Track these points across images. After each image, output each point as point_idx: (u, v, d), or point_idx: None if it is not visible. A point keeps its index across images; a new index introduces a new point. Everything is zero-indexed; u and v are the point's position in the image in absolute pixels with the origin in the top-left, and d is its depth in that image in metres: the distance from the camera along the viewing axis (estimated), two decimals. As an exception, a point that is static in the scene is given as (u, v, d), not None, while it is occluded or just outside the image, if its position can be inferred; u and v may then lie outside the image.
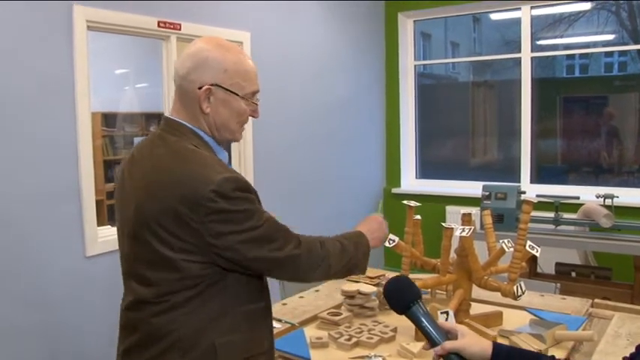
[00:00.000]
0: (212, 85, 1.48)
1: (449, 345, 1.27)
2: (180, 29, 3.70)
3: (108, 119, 6.52)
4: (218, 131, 1.54)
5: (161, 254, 1.42)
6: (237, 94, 1.51)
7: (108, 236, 3.34)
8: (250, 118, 1.61)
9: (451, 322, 1.38)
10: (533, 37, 5.18)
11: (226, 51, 1.51)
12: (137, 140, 6.78)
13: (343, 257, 1.63)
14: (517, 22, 5.22)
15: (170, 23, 3.64)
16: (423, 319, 1.31)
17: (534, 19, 5.15)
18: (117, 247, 1.61)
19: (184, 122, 1.52)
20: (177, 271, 1.42)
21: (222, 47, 1.52)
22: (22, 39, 2.94)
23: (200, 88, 1.47)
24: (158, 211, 1.42)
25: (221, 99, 1.50)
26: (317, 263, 1.56)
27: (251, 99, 1.55)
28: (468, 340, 1.28)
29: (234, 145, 4.28)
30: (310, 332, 2.07)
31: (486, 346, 1.28)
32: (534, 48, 5.19)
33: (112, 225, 3.55)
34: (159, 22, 3.58)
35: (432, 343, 1.30)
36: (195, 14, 3.82)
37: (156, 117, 6.92)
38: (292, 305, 2.38)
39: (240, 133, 1.60)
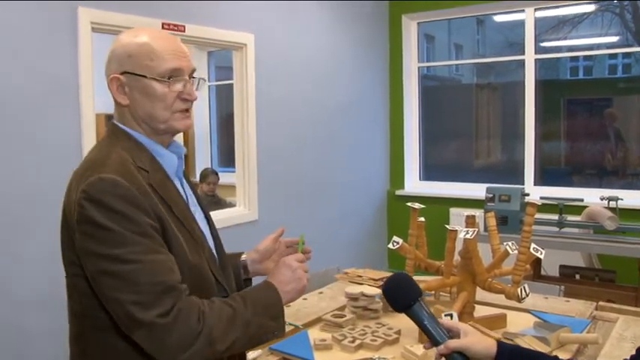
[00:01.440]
0: (120, 73, 1.35)
1: (453, 344, 1.24)
2: (184, 31, 3.71)
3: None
4: (147, 123, 1.38)
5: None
6: (146, 77, 1.34)
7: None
8: (256, 116, 1.58)
9: (453, 321, 1.36)
10: (537, 39, 5.18)
11: (134, 37, 1.37)
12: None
13: (235, 328, 1.29)
14: (521, 24, 5.21)
15: (174, 25, 3.65)
16: (425, 318, 1.28)
17: (538, 21, 5.15)
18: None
19: (118, 124, 1.40)
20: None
21: (130, 34, 1.39)
22: (27, 40, 2.95)
23: (110, 79, 1.37)
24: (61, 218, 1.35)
25: (136, 87, 1.35)
26: (188, 342, 1.22)
27: (169, 79, 1.36)
28: (472, 338, 1.26)
29: (238, 145, 4.29)
30: (314, 334, 2.07)
31: (490, 345, 1.26)
32: (538, 50, 5.19)
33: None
34: (163, 24, 3.59)
35: (434, 342, 1.27)
36: (199, 16, 3.82)
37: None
38: (296, 307, 2.37)
39: (176, 121, 1.39)
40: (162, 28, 3.58)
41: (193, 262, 1.36)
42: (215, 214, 4.26)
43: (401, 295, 1.31)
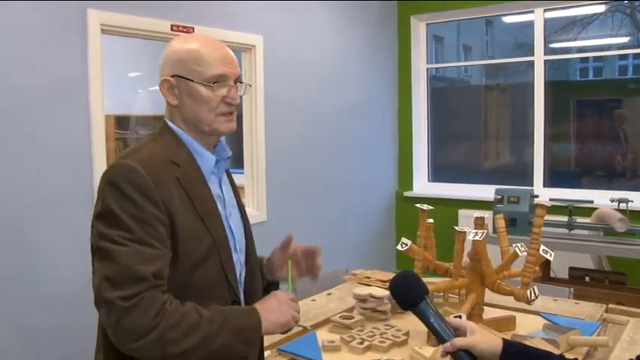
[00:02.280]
0: (171, 76, 1.46)
1: (459, 342, 1.24)
2: (193, 32, 3.72)
3: (121, 122, 6.55)
4: (194, 125, 1.47)
5: None
6: (193, 80, 1.43)
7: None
8: (265, 117, 1.60)
9: (460, 320, 1.35)
10: (547, 40, 5.15)
11: (184, 42, 1.48)
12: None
13: (193, 337, 1.27)
14: (530, 24, 5.19)
15: (183, 27, 3.66)
16: (432, 316, 1.27)
17: (547, 22, 5.12)
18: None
19: (168, 121, 1.51)
20: None
21: (182, 40, 1.51)
22: (37, 41, 2.97)
23: (162, 82, 1.47)
24: None
25: (185, 90, 1.45)
26: (140, 332, 1.24)
27: (214, 84, 1.45)
28: (478, 336, 1.25)
29: (246, 147, 4.30)
30: (322, 335, 2.07)
31: (497, 343, 1.25)
32: (547, 51, 5.16)
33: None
34: (172, 26, 3.60)
35: (440, 339, 1.26)
36: (208, 17, 3.83)
37: (168, 120, 6.96)
38: (304, 308, 2.37)
39: (220, 124, 1.47)
40: (172, 29, 3.59)
41: (201, 260, 1.40)
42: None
43: (408, 292, 1.31)
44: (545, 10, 5.09)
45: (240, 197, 1.66)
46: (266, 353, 1.92)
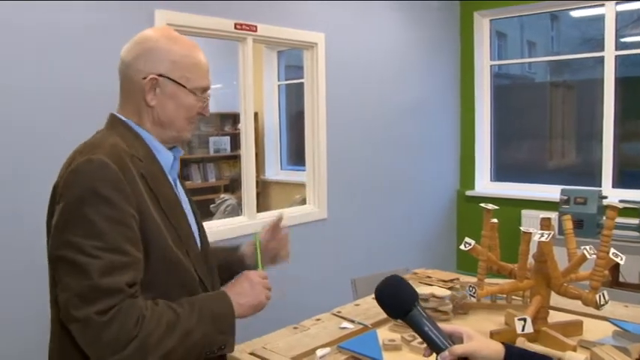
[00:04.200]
0: (158, 75, 1.37)
1: (458, 349, 1.14)
2: (256, 31, 3.77)
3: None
4: (162, 127, 1.41)
5: None
6: (185, 87, 1.39)
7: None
8: (326, 115, 1.59)
9: (454, 325, 1.26)
10: (618, 34, 4.96)
11: (175, 43, 1.41)
12: (212, 139, 6.96)
13: (173, 336, 1.24)
14: (599, 18, 5.01)
15: (246, 25, 3.72)
16: (425, 324, 1.17)
17: (619, 15, 4.93)
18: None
19: (121, 117, 1.42)
20: None
21: (172, 38, 1.41)
22: (106, 42, 3.07)
23: (145, 78, 1.37)
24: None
25: (168, 92, 1.38)
26: (121, 344, 1.18)
27: (201, 94, 1.43)
28: (478, 342, 1.17)
29: (308, 144, 4.32)
30: (383, 334, 2.06)
31: (498, 349, 1.18)
32: (619, 46, 4.97)
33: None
34: (235, 24, 3.66)
35: (436, 348, 1.16)
36: (270, 16, 3.88)
37: (231, 117, 7.08)
38: (365, 306, 2.37)
39: (188, 132, 1.45)
40: (235, 28, 3.65)
41: (174, 257, 1.35)
42: (285, 212, 4.34)
43: (398, 300, 1.19)
44: (616, 3, 4.90)
45: (194, 203, 1.60)
46: (326, 350, 1.93)
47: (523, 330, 1.79)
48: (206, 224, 3.76)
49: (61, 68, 2.94)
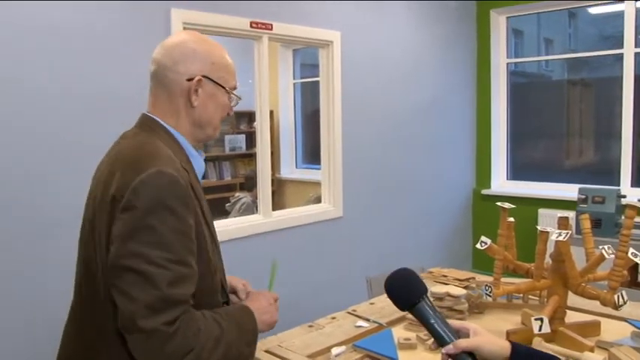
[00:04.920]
0: (203, 76, 1.40)
1: (463, 343, 1.15)
2: (271, 29, 3.78)
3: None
4: (201, 128, 1.44)
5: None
6: (224, 87, 1.44)
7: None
8: (342, 114, 1.58)
9: (462, 321, 1.26)
10: (637, 31, 4.89)
11: (211, 45, 1.44)
12: (228, 138, 6.98)
13: (219, 349, 1.27)
14: (618, 15, 4.95)
15: (262, 24, 3.73)
16: (432, 316, 1.18)
17: (639, 12, 4.86)
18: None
19: (158, 119, 1.42)
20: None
21: (207, 41, 1.45)
22: (123, 41, 3.10)
23: (190, 79, 1.39)
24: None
25: (208, 92, 1.41)
26: (180, 355, 1.21)
27: (231, 94, 1.48)
28: (483, 338, 1.17)
29: (323, 142, 4.33)
30: (398, 333, 2.06)
31: (504, 346, 1.17)
32: (638, 43, 4.90)
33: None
34: (251, 23, 3.67)
35: (441, 342, 1.17)
36: (286, 14, 3.88)
37: (246, 115, 7.09)
38: (380, 305, 2.37)
39: (218, 130, 1.50)
40: (251, 26, 3.66)
41: (213, 267, 1.38)
42: (301, 210, 4.35)
43: (405, 292, 1.21)
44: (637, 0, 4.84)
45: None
46: (341, 348, 1.93)
47: (540, 330, 1.78)
48: (222, 222, 3.80)
49: (80, 69, 2.96)
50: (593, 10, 5.36)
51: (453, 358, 1.16)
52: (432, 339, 1.20)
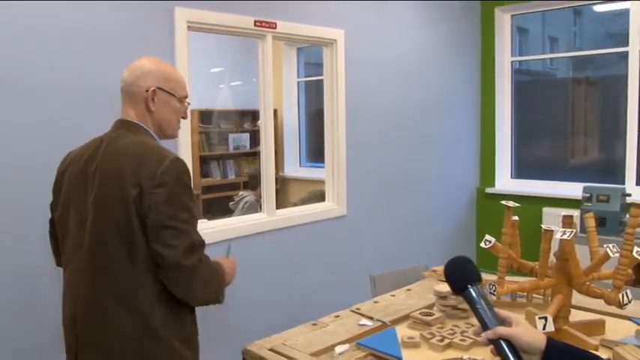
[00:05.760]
0: (157, 87, 1.84)
1: (502, 330, 1.20)
2: (275, 28, 3.77)
3: (204, 116, 6.75)
4: (161, 128, 1.89)
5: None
6: (174, 96, 1.88)
7: (205, 229, 3.45)
8: (346, 112, 1.66)
9: (510, 313, 1.30)
10: (642, 30, 4.87)
11: (165, 65, 1.91)
12: (232, 136, 6.98)
13: (218, 277, 1.83)
14: (624, 13, 4.93)
15: (266, 22, 3.72)
16: (479, 302, 1.25)
17: (644, 11, 4.84)
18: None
19: (138, 122, 1.85)
20: None
21: (162, 63, 1.92)
22: (127, 39, 3.09)
23: (147, 90, 1.83)
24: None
25: (163, 100, 1.86)
26: (208, 279, 1.76)
27: (183, 101, 1.93)
28: (522, 329, 1.21)
29: (327, 141, 4.33)
30: (402, 331, 2.06)
31: (541, 338, 1.21)
32: (643, 41, 4.89)
33: (209, 219, 3.67)
34: (255, 22, 3.67)
35: (484, 327, 1.23)
36: (290, 13, 3.88)
37: (250, 114, 7.10)
38: (384, 304, 2.37)
39: (177, 130, 1.96)
40: (255, 25, 3.66)
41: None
42: (305, 209, 4.35)
43: (460, 275, 1.30)
44: (641, -2, 4.82)
45: None
46: (345, 347, 1.93)
47: (544, 328, 1.78)
48: (225, 221, 3.79)
49: (83, 67, 2.96)
50: (599, 8, 5.34)
51: (492, 344, 1.22)
52: (477, 326, 1.27)
